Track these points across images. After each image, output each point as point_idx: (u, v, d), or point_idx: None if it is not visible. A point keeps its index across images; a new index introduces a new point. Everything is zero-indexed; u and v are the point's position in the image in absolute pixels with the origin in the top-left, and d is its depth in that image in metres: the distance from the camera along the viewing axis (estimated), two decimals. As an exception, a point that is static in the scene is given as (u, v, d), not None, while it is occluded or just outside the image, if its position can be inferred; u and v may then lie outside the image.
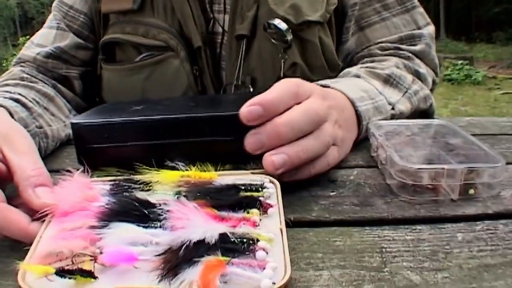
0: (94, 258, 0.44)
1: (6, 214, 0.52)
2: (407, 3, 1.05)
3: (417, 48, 1.02)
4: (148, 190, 0.56)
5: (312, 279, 0.43)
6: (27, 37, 15.33)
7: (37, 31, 1.13)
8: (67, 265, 0.44)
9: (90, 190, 0.56)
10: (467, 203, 0.57)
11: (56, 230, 0.50)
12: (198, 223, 0.46)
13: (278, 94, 0.58)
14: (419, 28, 1.05)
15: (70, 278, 0.43)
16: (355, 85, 0.80)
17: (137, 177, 0.57)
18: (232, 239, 0.44)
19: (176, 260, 0.43)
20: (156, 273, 0.42)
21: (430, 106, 0.98)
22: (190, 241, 0.44)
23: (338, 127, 0.65)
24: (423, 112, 0.96)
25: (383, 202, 0.58)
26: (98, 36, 1.09)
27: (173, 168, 0.56)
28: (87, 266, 0.44)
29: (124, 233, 0.47)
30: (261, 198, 0.51)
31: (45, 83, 1.00)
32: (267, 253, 0.43)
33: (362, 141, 0.75)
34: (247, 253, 0.43)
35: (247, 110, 0.56)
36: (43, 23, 1.13)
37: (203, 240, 0.44)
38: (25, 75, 0.98)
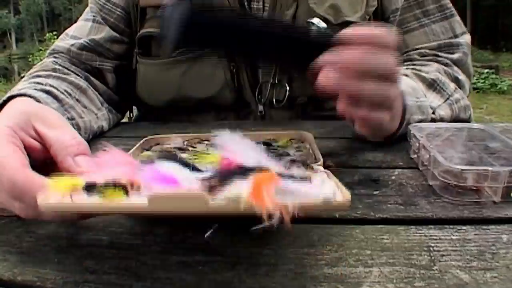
0: (131, 184, 0.43)
1: (27, 175, 0.50)
2: (446, 11, 1.04)
3: (454, 56, 1.02)
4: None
5: (362, 275, 0.43)
6: (54, 33, 15.54)
7: (64, 27, 1.13)
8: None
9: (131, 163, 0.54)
10: (509, 206, 0.57)
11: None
12: (251, 156, 0.46)
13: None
14: (456, 36, 1.04)
15: (99, 193, 0.41)
16: (403, 80, 0.81)
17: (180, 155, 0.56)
18: (287, 175, 0.44)
19: (226, 175, 0.42)
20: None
21: (469, 117, 0.98)
22: (242, 164, 0.43)
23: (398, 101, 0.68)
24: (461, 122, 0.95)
25: (427, 202, 0.57)
26: (134, 30, 1.09)
27: None
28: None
29: (166, 168, 0.46)
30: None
31: (78, 75, 1.00)
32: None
33: (400, 143, 0.75)
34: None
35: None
36: (70, 19, 1.15)
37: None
38: (57, 67, 0.98)
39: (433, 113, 0.83)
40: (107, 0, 1.09)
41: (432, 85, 0.89)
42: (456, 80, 0.98)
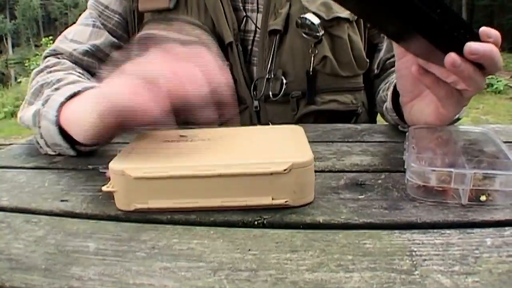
0: None
1: None
2: None
3: None
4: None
5: (342, 280, 0.43)
6: (50, 38, 15.49)
7: (60, 32, 1.15)
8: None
9: None
10: (496, 209, 0.57)
11: None
12: None
13: None
14: None
15: None
16: None
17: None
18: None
19: None
20: None
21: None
22: None
23: None
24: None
25: (412, 206, 0.57)
26: (131, 35, 1.13)
27: None
28: None
29: None
30: None
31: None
32: None
33: (389, 146, 0.76)
34: None
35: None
36: (66, 24, 1.18)
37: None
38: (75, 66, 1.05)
39: None
40: (105, 7, 1.12)
41: None
42: None
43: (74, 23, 1.15)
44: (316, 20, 0.99)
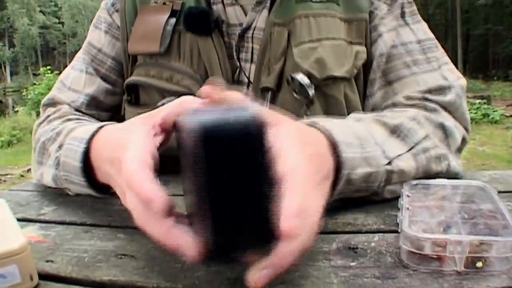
0: None
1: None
2: (433, 63, 1.00)
3: (446, 98, 0.95)
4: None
5: None
6: (48, 67, 15.52)
7: (58, 61, 1.16)
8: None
9: None
10: (492, 275, 0.54)
11: None
12: None
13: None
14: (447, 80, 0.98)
15: None
16: (348, 128, 0.76)
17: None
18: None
19: None
20: None
21: (447, 169, 0.88)
22: None
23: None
24: (440, 174, 0.85)
25: (405, 274, 0.55)
26: (126, 77, 1.10)
27: None
28: None
29: None
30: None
31: None
32: None
33: (382, 202, 0.74)
34: None
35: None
36: (64, 53, 1.19)
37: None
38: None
39: (389, 163, 0.77)
40: (99, 50, 1.12)
41: (395, 131, 0.82)
42: (440, 126, 0.90)
43: (72, 52, 1.16)
44: (306, 81, 0.93)
